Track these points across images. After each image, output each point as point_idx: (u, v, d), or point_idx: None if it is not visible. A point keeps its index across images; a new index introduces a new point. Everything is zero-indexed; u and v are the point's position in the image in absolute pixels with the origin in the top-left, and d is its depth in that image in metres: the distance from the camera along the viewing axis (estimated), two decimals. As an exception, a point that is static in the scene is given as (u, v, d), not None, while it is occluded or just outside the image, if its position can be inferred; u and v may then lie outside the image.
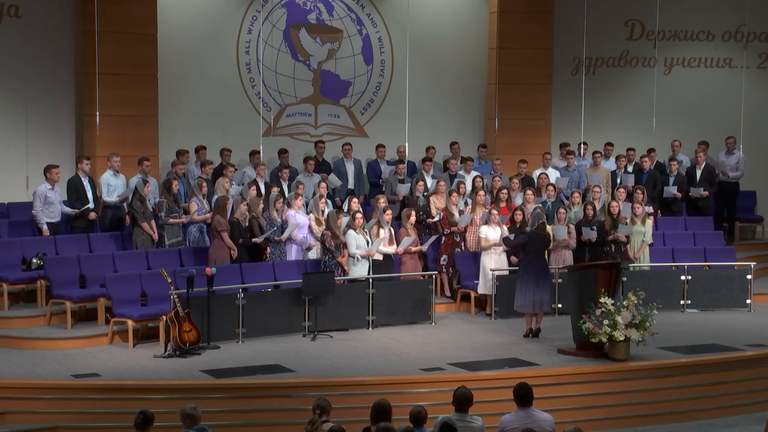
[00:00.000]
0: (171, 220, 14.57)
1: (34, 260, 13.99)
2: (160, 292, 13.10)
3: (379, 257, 14.57)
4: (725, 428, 11.89)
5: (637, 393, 12.16)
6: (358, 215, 14.50)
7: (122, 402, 11.00)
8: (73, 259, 13.89)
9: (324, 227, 14.64)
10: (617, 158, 17.87)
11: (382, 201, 15.23)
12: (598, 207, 15.86)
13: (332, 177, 16.85)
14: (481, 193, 15.85)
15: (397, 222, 15.47)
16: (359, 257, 14.31)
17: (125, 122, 16.29)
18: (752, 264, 16.03)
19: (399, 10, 18.57)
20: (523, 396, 8.69)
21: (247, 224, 14.46)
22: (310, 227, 14.96)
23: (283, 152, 16.93)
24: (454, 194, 15.75)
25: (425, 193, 16.17)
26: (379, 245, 14.49)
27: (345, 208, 15.68)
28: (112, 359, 12.36)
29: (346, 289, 14.24)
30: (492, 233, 14.84)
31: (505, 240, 14.49)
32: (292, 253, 14.80)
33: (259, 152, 16.92)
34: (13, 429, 10.83)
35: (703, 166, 17.86)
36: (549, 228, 14.64)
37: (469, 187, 16.45)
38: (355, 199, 15.42)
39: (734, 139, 18.65)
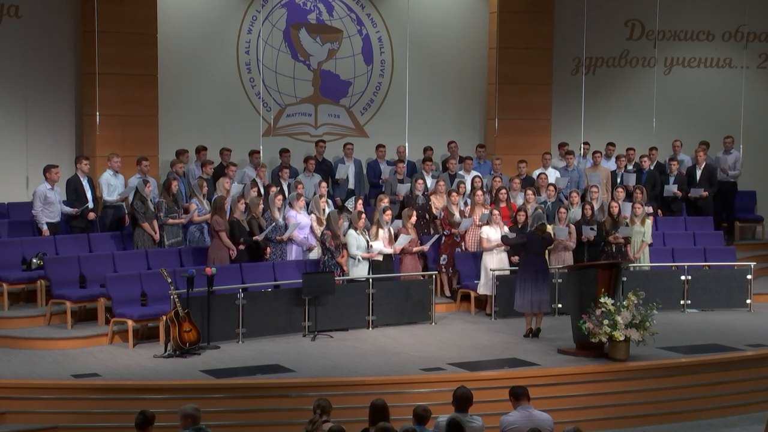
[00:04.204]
0: (170, 221, 14.57)
1: (34, 260, 13.98)
2: (160, 292, 13.10)
3: (379, 257, 14.56)
4: (725, 428, 11.88)
5: (637, 393, 12.16)
6: (362, 215, 14.50)
7: (122, 402, 11.00)
8: (73, 259, 13.88)
9: (325, 227, 14.63)
10: (617, 158, 17.88)
11: (385, 201, 15.22)
12: (596, 207, 15.86)
13: (340, 168, 16.98)
14: (480, 193, 15.85)
15: (399, 221, 15.44)
16: (360, 259, 14.31)
17: (125, 122, 16.28)
18: (752, 264, 16.03)
19: (399, 10, 18.57)
20: (520, 394, 8.69)
21: (246, 224, 14.46)
22: (311, 228, 14.95)
23: (284, 152, 16.94)
24: (454, 194, 15.75)
25: (425, 193, 16.18)
26: (378, 249, 14.49)
27: (350, 207, 15.64)
28: (112, 359, 12.36)
29: (346, 289, 14.24)
30: (494, 233, 14.83)
31: (503, 238, 14.49)
32: (293, 254, 14.80)
33: (259, 152, 16.93)
34: (13, 429, 10.83)
35: (703, 166, 17.87)
36: (549, 228, 14.63)
37: (469, 187, 16.44)
38: (359, 200, 15.43)
39: (732, 138, 18.67)
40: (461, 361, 12.40)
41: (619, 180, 17.29)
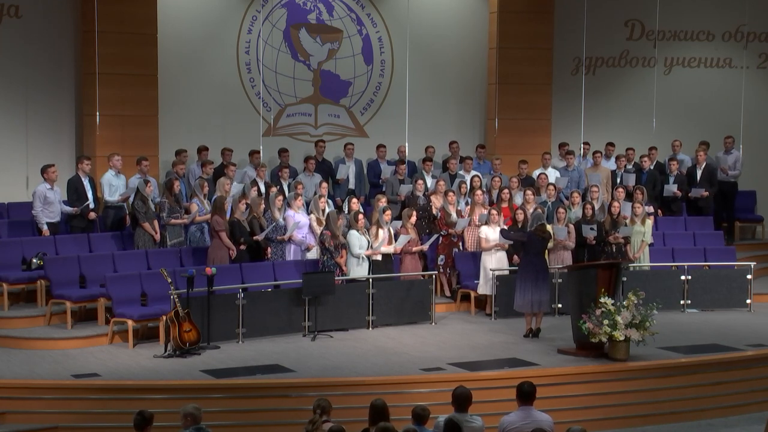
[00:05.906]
0: (173, 221, 14.57)
1: (34, 260, 13.98)
2: (160, 292, 13.10)
3: (379, 257, 14.57)
4: (725, 428, 11.89)
5: (637, 393, 12.16)
6: (360, 216, 14.51)
7: (122, 402, 11.00)
8: (73, 259, 13.88)
9: (324, 227, 14.63)
10: (617, 158, 17.89)
11: (383, 201, 15.22)
12: (596, 207, 15.87)
13: (341, 168, 17.01)
14: (479, 192, 15.85)
15: (398, 222, 15.44)
16: (363, 258, 14.30)
17: (125, 122, 16.28)
18: (752, 264, 16.03)
19: (399, 10, 18.57)
20: (527, 393, 8.66)
21: (247, 224, 14.46)
22: (311, 227, 14.96)
23: (283, 152, 16.95)
24: (451, 194, 15.75)
25: (426, 193, 16.18)
26: (381, 247, 14.49)
27: (345, 208, 15.69)
28: (112, 359, 12.36)
29: (346, 289, 14.24)
30: (492, 233, 14.83)
31: (502, 231, 14.48)
32: (291, 253, 14.80)
33: (259, 152, 16.93)
34: (13, 429, 10.83)
35: (703, 166, 17.88)
36: (549, 227, 14.63)
37: (469, 187, 16.44)
38: (354, 200, 15.42)
39: (732, 138, 18.67)
40: (461, 361, 12.40)
41: (619, 180, 17.29)
